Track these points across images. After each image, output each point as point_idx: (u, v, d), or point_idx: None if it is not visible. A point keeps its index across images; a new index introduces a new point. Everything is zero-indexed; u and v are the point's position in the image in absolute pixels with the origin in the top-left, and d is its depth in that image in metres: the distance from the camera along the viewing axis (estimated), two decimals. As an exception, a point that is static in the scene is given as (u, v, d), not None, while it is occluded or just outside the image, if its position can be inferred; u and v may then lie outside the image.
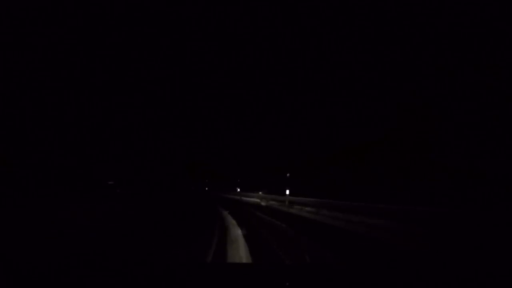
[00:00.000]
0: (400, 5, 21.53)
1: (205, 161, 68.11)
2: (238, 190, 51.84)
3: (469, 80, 17.40)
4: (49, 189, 23.65)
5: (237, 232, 9.69)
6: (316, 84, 32.03)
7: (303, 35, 32.81)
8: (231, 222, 12.78)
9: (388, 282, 2.01)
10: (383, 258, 6.67)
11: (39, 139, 25.19)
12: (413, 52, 20.68)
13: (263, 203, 28.02)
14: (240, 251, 6.86)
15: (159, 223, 12.44)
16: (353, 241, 9.41)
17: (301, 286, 1.93)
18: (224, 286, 1.93)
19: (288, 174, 25.85)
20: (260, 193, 35.15)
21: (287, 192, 24.73)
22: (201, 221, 13.65)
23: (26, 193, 21.05)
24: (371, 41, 24.45)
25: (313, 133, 31.95)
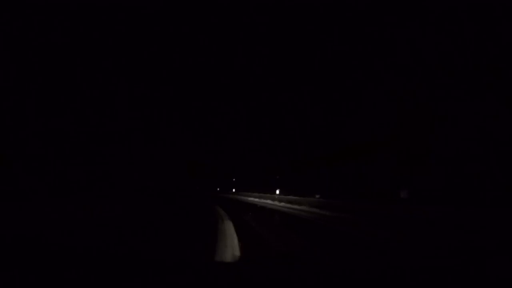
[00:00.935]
0: (401, 5, 21.53)
1: (205, 161, 68.13)
2: (278, 192, 35.41)
3: (469, 80, 17.40)
4: (49, 189, 23.65)
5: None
6: (316, 84, 32.02)
7: (303, 35, 32.81)
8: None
9: (386, 281, 2.01)
10: (381, 257, 6.66)
11: (39, 139, 25.19)
12: (413, 52, 20.68)
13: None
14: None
15: (160, 223, 12.42)
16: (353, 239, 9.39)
17: (300, 286, 1.93)
18: (222, 286, 1.93)
19: None
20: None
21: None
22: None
23: (26, 193, 21.04)
24: (371, 41, 24.45)
25: (313, 133, 31.95)
